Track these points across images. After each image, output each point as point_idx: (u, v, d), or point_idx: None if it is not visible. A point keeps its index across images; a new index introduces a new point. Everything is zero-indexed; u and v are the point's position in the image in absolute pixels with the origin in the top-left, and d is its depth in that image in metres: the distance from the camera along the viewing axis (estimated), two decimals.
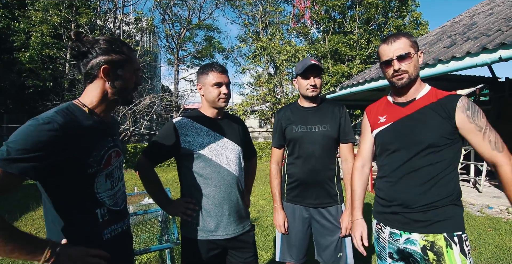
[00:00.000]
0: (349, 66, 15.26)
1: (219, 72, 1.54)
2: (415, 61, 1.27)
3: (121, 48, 1.04)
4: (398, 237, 1.32)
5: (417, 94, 1.31)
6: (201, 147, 1.51)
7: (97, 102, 1.04)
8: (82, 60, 1.00)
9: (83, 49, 0.98)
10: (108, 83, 1.02)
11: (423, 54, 1.31)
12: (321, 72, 1.77)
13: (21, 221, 4.34)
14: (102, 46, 0.99)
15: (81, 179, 0.97)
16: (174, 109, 15.76)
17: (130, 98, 1.12)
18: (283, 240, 1.86)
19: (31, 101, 12.17)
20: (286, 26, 18.85)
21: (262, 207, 4.95)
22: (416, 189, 1.25)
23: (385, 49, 1.28)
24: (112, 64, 1.00)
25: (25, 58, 10.81)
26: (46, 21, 11.38)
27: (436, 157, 1.22)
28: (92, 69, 0.99)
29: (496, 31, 4.36)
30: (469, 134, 1.19)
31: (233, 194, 1.55)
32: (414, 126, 1.27)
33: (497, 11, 6.09)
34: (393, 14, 16.29)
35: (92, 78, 1.02)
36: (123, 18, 14.74)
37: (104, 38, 1.02)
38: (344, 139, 1.79)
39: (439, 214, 1.22)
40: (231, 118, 1.73)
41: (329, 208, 1.77)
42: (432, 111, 1.24)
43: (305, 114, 1.81)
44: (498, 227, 3.83)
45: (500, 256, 2.99)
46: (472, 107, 1.20)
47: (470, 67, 4.19)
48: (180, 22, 18.77)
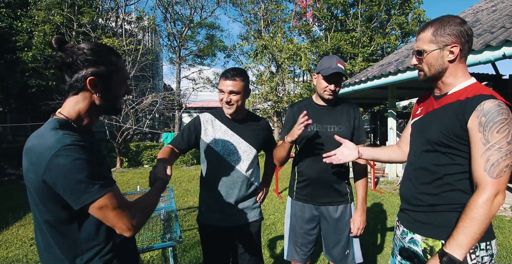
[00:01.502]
0: (352, 64, 15.18)
1: (224, 79, 1.63)
2: (433, 58, 1.14)
3: (108, 57, 0.96)
4: (405, 235, 1.30)
5: (450, 89, 1.17)
6: (216, 143, 1.68)
7: (84, 114, 0.97)
8: (66, 71, 0.93)
9: (67, 61, 0.90)
10: (95, 95, 0.95)
11: (457, 47, 1.10)
12: (343, 78, 1.72)
13: (25, 219, 4.37)
14: (88, 57, 0.91)
15: None
16: (176, 108, 15.78)
17: (119, 108, 1.06)
18: (291, 239, 1.86)
19: (34, 101, 12.22)
20: (288, 24, 18.77)
21: (264, 205, 4.96)
22: (418, 188, 1.22)
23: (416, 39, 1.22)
24: (99, 75, 0.93)
25: (28, 57, 10.84)
26: (48, 21, 11.41)
27: (445, 158, 1.14)
28: (78, 81, 0.92)
29: (500, 28, 4.33)
30: (472, 143, 1.05)
31: (237, 190, 1.70)
32: (430, 123, 1.20)
33: (501, 7, 6.04)
34: (396, 11, 16.17)
35: (78, 90, 0.94)
36: (125, 17, 14.75)
37: (90, 46, 0.93)
38: (357, 140, 1.78)
39: (440, 219, 1.15)
40: (255, 119, 1.84)
41: (338, 206, 1.78)
42: (452, 110, 1.11)
43: (320, 113, 1.78)
44: (501, 225, 3.81)
45: (503, 254, 2.98)
46: (492, 115, 1.00)
47: (473, 64, 4.16)
48: (181, 21, 18.75)
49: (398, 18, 15.62)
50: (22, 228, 4.00)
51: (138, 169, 9.73)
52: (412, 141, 1.32)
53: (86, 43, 0.95)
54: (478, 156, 1.03)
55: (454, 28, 1.10)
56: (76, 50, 0.92)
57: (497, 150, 0.99)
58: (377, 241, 3.37)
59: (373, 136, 13.63)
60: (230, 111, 1.66)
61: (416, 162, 1.25)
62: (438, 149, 1.15)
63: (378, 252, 3.07)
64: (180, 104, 16.39)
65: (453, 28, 1.10)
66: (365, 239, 3.40)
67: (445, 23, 1.11)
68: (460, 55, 1.12)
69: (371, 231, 3.68)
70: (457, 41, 1.10)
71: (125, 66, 1.08)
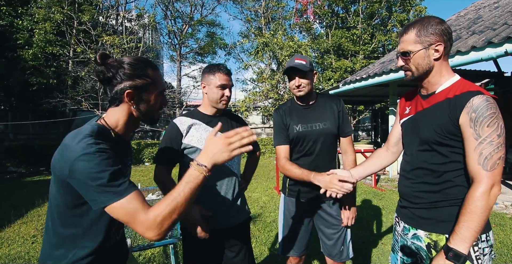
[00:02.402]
0: (353, 61, 15.13)
1: (225, 74, 1.62)
2: (420, 58, 1.17)
3: (145, 71, 1.02)
4: (407, 231, 1.31)
5: (438, 88, 1.20)
6: (199, 141, 1.61)
7: (123, 124, 1.05)
8: (108, 85, 1.01)
9: (108, 75, 0.98)
10: (133, 107, 1.03)
11: (441, 45, 1.14)
12: (306, 72, 1.68)
13: (27, 217, 4.40)
14: (126, 71, 0.99)
15: None
16: (177, 106, 15.78)
17: (156, 118, 1.12)
18: (285, 234, 1.88)
19: (35, 99, 12.25)
20: (288, 22, 18.75)
21: (265, 203, 4.97)
22: (418, 185, 1.24)
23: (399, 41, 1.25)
24: (136, 88, 1.00)
25: (28, 55, 10.85)
26: (49, 19, 11.40)
27: (442, 156, 1.16)
28: (117, 94, 0.99)
29: (502, 24, 4.30)
30: (465, 139, 1.08)
31: (229, 189, 1.65)
32: (423, 122, 1.22)
33: (503, 4, 6.00)
34: (397, 8, 16.08)
35: (118, 102, 1.02)
36: (125, 15, 14.73)
37: (129, 61, 1.01)
38: (343, 132, 1.80)
39: (443, 214, 1.18)
40: (230, 116, 1.80)
41: (331, 201, 1.79)
42: (443, 108, 1.14)
43: (303, 112, 1.81)
44: (502, 222, 3.81)
45: (504, 251, 2.98)
46: (481, 110, 1.04)
47: (475, 61, 4.14)
48: (182, 18, 18.73)
49: (399, 15, 15.54)
50: (24, 226, 4.02)
51: (139, 166, 9.75)
52: (406, 141, 1.34)
53: (127, 58, 1.02)
54: (472, 150, 1.06)
55: (436, 27, 1.14)
56: (116, 64, 0.99)
57: (489, 144, 1.03)
58: (378, 238, 3.37)
59: (374, 133, 13.61)
60: (226, 106, 1.68)
61: (413, 162, 1.27)
62: (435, 147, 1.17)
63: (379, 249, 3.08)
64: (181, 102, 16.40)
65: (435, 28, 1.15)
66: (366, 236, 3.41)
67: (426, 23, 1.16)
68: (444, 53, 1.17)
69: (372, 228, 3.68)
70: (441, 39, 1.15)
71: (161, 78, 1.11)
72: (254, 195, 5.52)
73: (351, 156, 1.81)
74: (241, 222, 1.71)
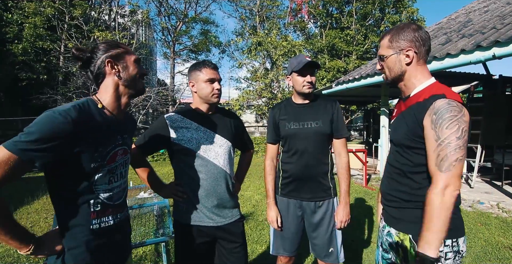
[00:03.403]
0: (346, 62, 15.25)
1: (211, 68, 1.60)
2: (391, 62, 1.24)
3: (117, 44, 1.17)
4: (384, 229, 1.38)
5: (412, 91, 1.24)
6: (190, 141, 1.59)
7: (112, 98, 1.14)
8: (90, 67, 1.12)
9: (87, 55, 1.10)
10: (116, 77, 1.13)
11: (411, 51, 1.20)
12: (316, 69, 1.78)
13: (16, 214, 4.33)
14: (101, 47, 1.12)
15: (83, 172, 1.03)
16: (170, 103, 15.68)
17: (140, 87, 1.22)
18: (276, 234, 1.89)
19: (24, 94, 12.01)
20: (283, 21, 18.75)
21: (257, 201, 4.99)
22: (391, 184, 1.30)
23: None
24: (114, 57, 1.12)
25: (18, 50, 10.64)
26: (39, 13, 11.19)
27: (412, 158, 1.20)
28: (99, 68, 1.11)
29: (491, 29, 4.40)
30: (427, 140, 1.10)
31: (220, 187, 1.62)
32: (398, 124, 1.29)
33: (492, 8, 6.12)
34: (390, 10, 16.25)
35: (102, 77, 1.13)
36: (118, 10, 14.54)
37: (101, 42, 1.17)
38: (337, 134, 1.81)
39: (409, 214, 1.22)
40: (224, 113, 1.76)
41: (321, 202, 1.81)
42: (412, 112, 1.18)
43: (298, 110, 1.84)
44: (488, 222, 3.91)
45: (489, 250, 3.07)
46: (442, 112, 1.06)
47: (464, 64, 4.23)
48: (176, 15, 18.55)
49: (392, 16, 15.72)
50: None
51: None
52: (390, 141, 1.40)
53: (100, 42, 1.18)
54: (431, 151, 1.09)
55: (408, 34, 1.20)
56: (92, 47, 1.14)
57: (446, 145, 1.04)
58: (367, 237, 3.44)
59: (366, 133, 13.76)
60: (219, 99, 1.66)
61: (389, 161, 1.34)
62: (404, 149, 1.23)
63: (368, 247, 3.13)
64: (174, 100, 16.30)
65: (406, 34, 1.20)
66: (356, 234, 3.47)
67: (400, 30, 1.22)
68: (417, 58, 1.21)
69: (362, 227, 3.74)
70: (411, 45, 1.20)
71: (134, 51, 1.25)
72: (247, 193, 5.55)
73: (345, 159, 1.83)
74: (234, 220, 1.68)
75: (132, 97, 1.21)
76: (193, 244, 1.61)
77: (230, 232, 1.65)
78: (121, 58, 1.14)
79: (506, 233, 3.50)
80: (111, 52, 1.12)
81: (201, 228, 1.60)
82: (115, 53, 1.13)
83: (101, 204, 1.10)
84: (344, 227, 1.80)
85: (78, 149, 0.98)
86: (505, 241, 3.27)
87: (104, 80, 1.13)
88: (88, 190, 1.06)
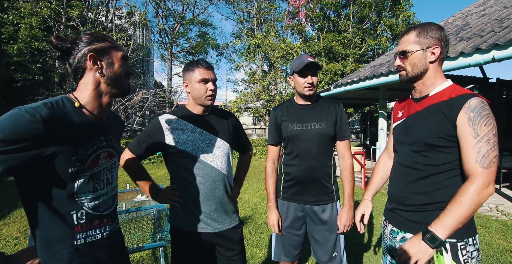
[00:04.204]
0: (343, 64, 15.30)
1: (205, 68, 1.53)
2: (417, 58, 1.21)
3: (104, 37, 1.03)
4: (396, 235, 1.31)
5: (431, 91, 1.23)
6: (186, 144, 1.53)
7: (92, 97, 1.00)
8: (68, 59, 0.98)
9: (67, 46, 0.97)
10: (97, 73, 0.99)
11: (438, 49, 1.19)
12: (318, 70, 1.75)
13: (9, 218, 4.24)
14: (84, 39, 0.99)
15: (60, 178, 0.91)
16: (167, 105, 15.61)
17: (126, 86, 1.08)
18: (278, 239, 1.84)
19: (20, 96, 11.86)
20: (281, 24, 18.79)
21: (256, 204, 4.94)
22: (409, 187, 1.25)
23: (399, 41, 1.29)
24: (97, 52, 0.99)
25: (13, 50, 10.52)
26: (35, 13, 11.09)
27: (435, 157, 1.17)
28: (79, 62, 0.98)
29: (489, 32, 4.41)
30: (463, 138, 1.10)
31: (218, 190, 1.56)
32: (417, 124, 1.24)
33: (489, 12, 6.17)
34: (387, 13, 16.36)
35: (82, 72, 0.99)
36: (115, 12, 14.47)
37: (85, 32, 1.05)
38: (341, 136, 1.78)
39: (431, 218, 1.15)
40: (221, 113, 1.70)
41: (324, 205, 1.76)
42: (438, 110, 1.16)
43: (300, 112, 1.80)
44: (488, 225, 3.90)
45: (490, 253, 3.05)
46: (479, 110, 1.08)
47: (463, 67, 4.23)
48: (173, 17, 18.55)
49: (388, 20, 15.82)
50: (6, 227, 3.87)
51: None
52: (399, 143, 1.35)
53: (84, 33, 1.04)
54: (470, 148, 1.08)
55: (436, 32, 1.20)
56: (74, 37, 1.01)
57: (486, 142, 1.06)
58: (368, 240, 3.40)
59: (363, 136, 13.78)
60: (213, 102, 1.59)
61: (405, 163, 1.29)
62: (427, 149, 1.19)
63: (369, 250, 3.10)
64: (171, 102, 16.22)
65: (434, 32, 1.20)
66: (357, 238, 3.43)
67: (427, 27, 1.22)
68: (440, 57, 1.21)
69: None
70: (438, 44, 1.20)
71: (121, 46, 1.10)
72: (245, 196, 5.49)
73: (349, 160, 1.79)
74: (232, 226, 1.62)
75: (115, 96, 1.08)
76: (190, 251, 1.55)
77: (229, 238, 1.60)
78: (106, 54, 1.01)
79: (506, 236, 3.48)
80: (95, 46, 0.99)
81: (198, 234, 1.54)
82: (100, 47, 1.00)
83: (85, 215, 0.97)
84: (347, 231, 1.75)
85: (51, 151, 0.86)
86: (506, 244, 3.25)
87: (84, 76, 1.00)
88: (69, 199, 0.93)
